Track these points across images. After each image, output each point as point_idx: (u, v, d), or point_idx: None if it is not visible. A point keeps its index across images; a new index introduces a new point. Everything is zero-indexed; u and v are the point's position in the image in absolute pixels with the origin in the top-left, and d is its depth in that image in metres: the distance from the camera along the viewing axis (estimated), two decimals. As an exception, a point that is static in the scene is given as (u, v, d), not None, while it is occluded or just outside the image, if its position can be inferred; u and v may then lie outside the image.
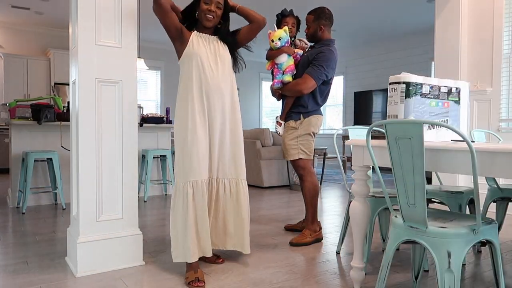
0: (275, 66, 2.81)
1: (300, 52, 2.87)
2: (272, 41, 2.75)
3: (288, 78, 2.78)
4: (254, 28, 2.32)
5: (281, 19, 2.95)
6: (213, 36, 2.29)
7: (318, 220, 2.92)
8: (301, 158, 2.84)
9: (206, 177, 2.18)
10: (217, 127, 2.23)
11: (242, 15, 2.33)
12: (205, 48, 2.21)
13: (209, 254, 2.17)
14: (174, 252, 2.15)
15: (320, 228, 2.90)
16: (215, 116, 2.22)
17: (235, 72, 2.36)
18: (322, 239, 2.88)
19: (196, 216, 2.12)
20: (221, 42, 2.30)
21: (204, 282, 2.03)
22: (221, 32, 2.31)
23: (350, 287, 2.02)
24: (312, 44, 2.98)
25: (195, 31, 2.26)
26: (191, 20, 2.30)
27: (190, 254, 2.09)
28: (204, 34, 2.26)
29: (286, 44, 2.80)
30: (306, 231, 2.82)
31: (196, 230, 2.13)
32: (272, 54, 2.80)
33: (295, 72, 2.84)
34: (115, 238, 2.22)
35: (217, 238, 2.34)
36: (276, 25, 2.96)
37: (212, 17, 2.20)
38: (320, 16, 2.82)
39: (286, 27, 2.82)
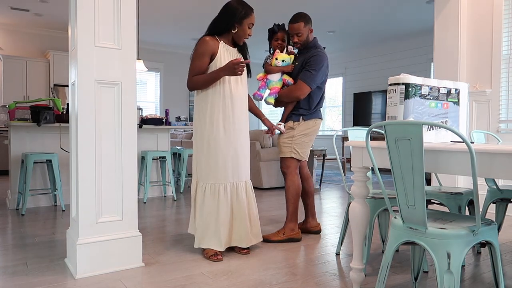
0: (265, 80, 2.96)
1: (290, 81, 2.93)
2: (276, 59, 2.93)
3: (270, 100, 2.92)
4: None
5: (272, 34, 3.03)
6: (233, 48, 2.58)
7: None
8: (292, 157, 2.87)
9: (233, 180, 2.52)
10: (242, 134, 2.54)
11: None
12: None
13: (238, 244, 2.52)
14: (204, 239, 2.44)
15: (300, 229, 2.94)
16: (240, 123, 2.52)
17: (248, 78, 2.69)
18: (299, 239, 2.87)
19: (225, 212, 2.45)
20: (239, 54, 2.61)
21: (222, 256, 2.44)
22: (241, 47, 2.62)
23: (350, 288, 2.02)
24: (297, 50, 3.03)
25: (222, 42, 2.51)
26: (221, 28, 2.51)
27: (221, 243, 2.43)
28: (229, 47, 2.54)
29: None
30: (282, 229, 2.87)
31: (224, 224, 2.45)
32: (271, 69, 2.94)
33: (277, 96, 2.93)
34: (115, 240, 2.22)
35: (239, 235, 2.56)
36: (268, 39, 3.08)
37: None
38: (307, 21, 2.90)
39: (292, 56, 2.96)
